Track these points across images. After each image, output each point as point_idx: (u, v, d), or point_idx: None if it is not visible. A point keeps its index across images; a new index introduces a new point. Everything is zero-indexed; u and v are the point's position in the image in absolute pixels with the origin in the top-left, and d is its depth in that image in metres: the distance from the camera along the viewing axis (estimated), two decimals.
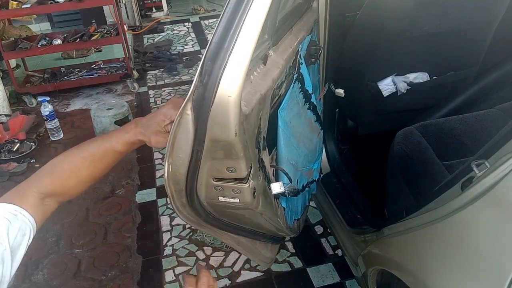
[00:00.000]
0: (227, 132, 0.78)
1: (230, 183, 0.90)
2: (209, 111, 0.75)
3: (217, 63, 0.73)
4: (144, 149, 2.96)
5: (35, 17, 4.58)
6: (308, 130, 1.42)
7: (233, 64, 0.73)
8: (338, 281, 1.89)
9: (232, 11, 0.73)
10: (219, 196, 0.93)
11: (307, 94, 1.31)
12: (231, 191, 0.91)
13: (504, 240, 0.83)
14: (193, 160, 0.82)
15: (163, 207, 2.42)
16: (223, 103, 0.74)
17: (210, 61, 0.73)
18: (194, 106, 0.75)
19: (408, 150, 1.49)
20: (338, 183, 1.88)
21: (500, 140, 0.87)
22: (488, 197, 0.85)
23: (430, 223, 1.03)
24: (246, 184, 0.89)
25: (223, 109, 0.75)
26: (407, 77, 1.75)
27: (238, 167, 0.86)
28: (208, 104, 0.74)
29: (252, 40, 0.74)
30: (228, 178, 0.89)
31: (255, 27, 0.74)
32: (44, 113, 3.04)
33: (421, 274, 1.03)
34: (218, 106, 0.74)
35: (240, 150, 0.82)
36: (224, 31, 0.73)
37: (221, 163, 0.85)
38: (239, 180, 0.89)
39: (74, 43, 3.69)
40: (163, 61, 4.28)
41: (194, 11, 5.65)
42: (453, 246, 0.95)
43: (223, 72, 0.73)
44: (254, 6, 0.73)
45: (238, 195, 0.92)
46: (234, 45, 0.73)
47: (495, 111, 1.58)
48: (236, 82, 0.74)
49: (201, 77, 0.74)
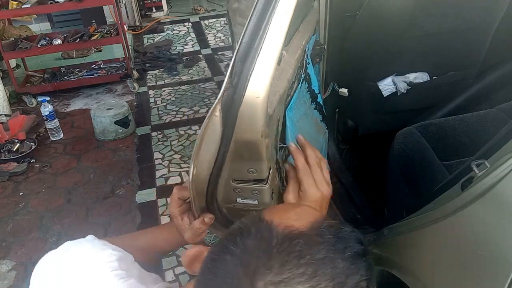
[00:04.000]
0: (254, 133, 0.77)
1: (249, 185, 0.89)
2: (237, 113, 0.75)
3: (246, 64, 0.73)
4: (144, 149, 2.97)
5: (35, 17, 4.58)
6: (314, 130, 1.42)
7: (262, 64, 0.72)
8: None
9: (261, 10, 0.73)
10: (237, 198, 0.92)
11: (314, 94, 1.31)
12: (250, 192, 0.90)
13: (504, 240, 0.83)
14: (218, 162, 0.82)
15: (163, 207, 2.42)
16: (251, 104, 0.74)
17: (240, 62, 0.73)
18: (223, 107, 0.75)
19: (408, 150, 1.49)
20: (338, 183, 1.88)
21: (500, 140, 0.87)
22: (488, 197, 0.85)
23: (430, 223, 1.03)
24: (266, 185, 0.89)
25: (251, 110, 0.74)
26: (407, 77, 1.75)
27: (260, 168, 0.85)
28: (237, 105, 0.74)
29: (280, 39, 0.73)
30: (248, 179, 0.88)
31: (283, 26, 0.73)
32: (44, 113, 3.04)
33: (421, 274, 1.03)
34: (246, 107, 0.74)
35: (263, 152, 0.82)
36: (254, 30, 0.73)
37: (243, 164, 0.85)
38: (258, 182, 0.88)
39: (74, 43, 3.69)
40: (163, 61, 4.28)
41: (194, 11, 5.65)
42: (453, 246, 0.95)
43: (252, 73, 0.73)
44: (281, 4, 0.73)
45: (257, 197, 0.91)
46: (263, 45, 0.72)
47: (495, 111, 1.58)
48: (265, 83, 0.73)
49: (231, 78, 0.74)
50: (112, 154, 2.94)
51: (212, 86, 3.80)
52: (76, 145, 3.07)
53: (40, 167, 2.83)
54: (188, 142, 2.99)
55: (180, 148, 2.93)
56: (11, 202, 2.54)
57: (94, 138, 3.11)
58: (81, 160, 2.90)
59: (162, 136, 3.10)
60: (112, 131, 3.05)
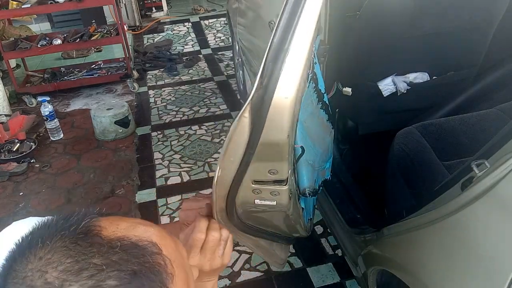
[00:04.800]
0: (281, 134, 0.77)
1: (269, 186, 0.89)
2: (267, 114, 0.74)
3: (277, 65, 0.72)
4: (144, 149, 2.97)
5: (35, 17, 4.58)
6: (321, 130, 1.42)
7: (291, 65, 0.72)
8: (338, 281, 1.89)
9: (291, 10, 0.72)
10: (256, 199, 0.92)
11: (320, 94, 1.31)
12: (269, 193, 0.90)
13: (504, 240, 0.83)
14: (243, 164, 0.81)
15: (163, 207, 2.42)
16: (280, 105, 0.74)
17: (271, 62, 0.72)
18: (252, 108, 0.75)
19: (408, 150, 1.49)
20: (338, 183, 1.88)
21: (500, 140, 0.87)
22: (488, 197, 0.85)
23: (430, 223, 1.03)
24: (285, 186, 0.89)
25: (279, 111, 0.74)
26: (407, 77, 1.75)
27: (281, 169, 0.85)
28: (267, 106, 0.74)
29: (309, 39, 0.73)
30: (268, 180, 0.88)
31: (311, 25, 0.73)
32: (44, 113, 3.04)
33: (421, 274, 1.03)
34: (275, 108, 0.74)
35: (286, 152, 0.82)
36: (284, 31, 0.72)
37: (265, 165, 0.85)
38: (278, 182, 0.89)
39: (74, 43, 3.69)
40: (163, 61, 4.28)
41: (194, 11, 5.65)
42: (453, 246, 0.95)
43: (281, 74, 0.72)
44: (309, 4, 0.73)
45: (276, 197, 0.91)
46: (291, 46, 0.72)
47: (495, 111, 1.58)
48: (294, 84, 0.73)
49: (262, 79, 0.73)
50: (112, 154, 2.94)
51: (212, 86, 3.80)
52: (76, 145, 3.08)
53: (40, 167, 2.83)
54: (188, 142, 2.99)
55: (180, 148, 2.94)
56: (11, 202, 2.54)
57: (94, 138, 3.12)
58: (81, 160, 2.90)
59: (162, 136, 3.10)
60: (112, 131, 3.05)
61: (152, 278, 0.43)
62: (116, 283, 0.41)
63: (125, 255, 0.43)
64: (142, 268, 0.43)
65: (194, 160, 2.79)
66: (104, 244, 0.43)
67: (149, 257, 0.44)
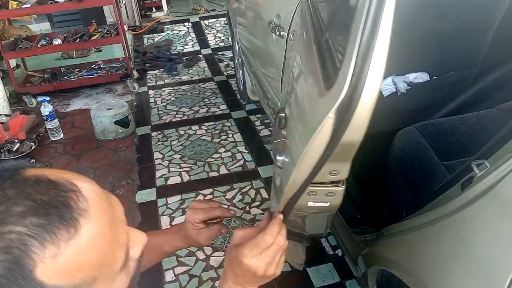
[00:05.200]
0: (359, 134, 0.74)
1: (325, 187, 0.87)
2: (353, 113, 0.71)
3: (366, 63, 0.69)
4: (144, 149, 2.97)
5: (35, 17, 4.58)
6: None
7: (377, 63, 0.69)
8: (338, 281, 1.89)
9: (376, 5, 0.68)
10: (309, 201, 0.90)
11: None
12: (324, 195, 0.88)
13: (504, 240, 0.83)
14: (317, 166, 0.78)
15: (163, 207, 2.42)
16: (364, 104, 0.71)
17: (362, 61, 0.69)
18: (339, 109, 0.71)
19: (408, 150, 1.49)
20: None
21: (500, 140, 0.87)
22: (488, 197, 0.85)
23: (430, 223, 1.03)
24: (342, 187, 0.87)
25: (362, 110, 0.71)
26: (407, 77, 1.75)
27: (343, 169, 0.83)
28: (354, 106, 0.71)
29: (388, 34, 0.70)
30: (325, 181, 0.86)
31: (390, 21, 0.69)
32: (44, 113, 3.04)
33: (421, 274, 1.03)
34: (360, 107, 0.71)
35: (354, 152, 0.78)
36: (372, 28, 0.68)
37: (328, 166, 0.81)
38: (335, 183, 0.87)
39: (74, 43, 3.69)
40: (163, 61, 4.28)
41: (194, 11, 5.65)
42: (453, 246, 0.95)
43: (369, 72, 0.69)
44: None
45: (331, 198, 0.89)
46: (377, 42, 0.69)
47: (495, 111, 1.58)
48: (377, 82, 0.70)
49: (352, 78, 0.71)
50: (112, 154, 2.94)
51: (212, 86, 3.80)
52: (76, 145, 3.08)
53: (40, 167, 2.83)
54: (188, 142, 2.99)
55: (180, 148, 2.94)
56: None
57: (94, 138, 3.12)
58: (81, 160, 2.90)
59: (162, 136, 3.10)
60: (112, 131, 3.06)
61: (62, 210, 0.48)
62: (23, 209, 0.46)
63: (38, 188, 0.48)
64: (53, 199, 0.48)
65: (194, 160, 2.79)
66: (21, 180, 0.49)
67: (64, 192, 0.49)
